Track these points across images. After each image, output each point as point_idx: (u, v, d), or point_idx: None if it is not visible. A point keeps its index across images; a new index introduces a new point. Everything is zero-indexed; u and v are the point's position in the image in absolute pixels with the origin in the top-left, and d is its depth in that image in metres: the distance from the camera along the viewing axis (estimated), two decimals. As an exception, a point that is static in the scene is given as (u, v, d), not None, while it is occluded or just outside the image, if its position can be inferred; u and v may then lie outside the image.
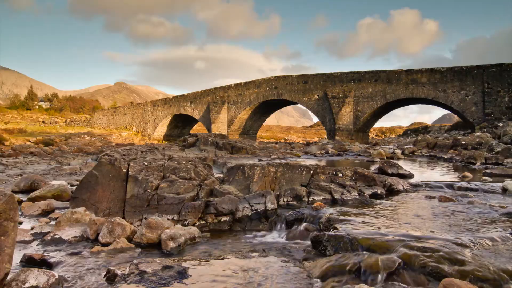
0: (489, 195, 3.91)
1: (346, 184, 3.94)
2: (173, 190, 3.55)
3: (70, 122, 37.20)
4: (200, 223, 3.28)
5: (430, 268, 1.88)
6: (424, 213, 3.11)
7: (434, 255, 1.98)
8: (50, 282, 2.01)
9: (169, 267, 2.04)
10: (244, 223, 3.32)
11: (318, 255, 2.36)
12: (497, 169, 5.60)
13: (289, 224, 3.19)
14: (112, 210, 3.78)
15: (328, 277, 1.98)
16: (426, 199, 3.75)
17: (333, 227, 2.68)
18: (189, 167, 3.96)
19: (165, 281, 1.91)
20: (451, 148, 11.04)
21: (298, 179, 4.06)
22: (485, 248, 2.16)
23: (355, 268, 1.98)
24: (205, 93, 29.74)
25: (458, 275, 1.80)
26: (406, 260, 1.98)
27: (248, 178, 4.05)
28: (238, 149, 11.71)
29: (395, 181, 4.34)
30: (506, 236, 2.37)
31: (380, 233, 2.41)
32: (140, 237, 2.86)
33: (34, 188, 5.71)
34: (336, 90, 24.06)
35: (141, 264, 2.10)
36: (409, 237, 2.30)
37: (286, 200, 3.60)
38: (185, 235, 2.76)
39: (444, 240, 2.23)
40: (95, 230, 3.04)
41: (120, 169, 3.87)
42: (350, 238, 2.29)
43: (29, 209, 4.29)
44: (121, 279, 2.00)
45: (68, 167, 9.24)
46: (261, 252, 2.39)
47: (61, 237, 3.02)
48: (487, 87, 19.96)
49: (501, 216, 2.94)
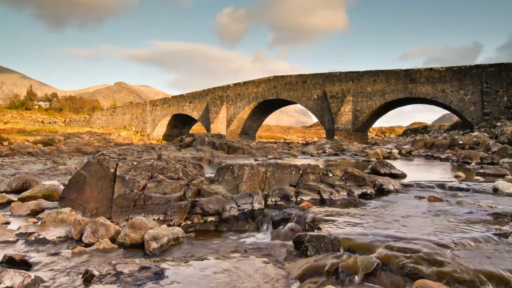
0: (480, 195, 3.88)
1: (336, 184, 3.92)
2: (160, 190, 3.53)
3: (69, 122, 37.23)
4: (186, 223, 3.26)
5: (408, 269, 1.85)
6: (411, 213, 3.09)
7: (414, 256, 1.96)
8: (26, 283, 1.99)
9: (146, 268, 2.02)
10: (231, 224, 3.30)
11: (300, 256, 2.33)
12: (491, 169, 5.58)
13: (276, 224, 3.17)
14: (100, 210, 3.76)
15: (306, 278, 1.96)
16: (416, 199, 3.72)
17: (317, 227, 2.66)
18: (177, 167, 3.94)
19: (140, 282, 1.89)
20: (449, 147, 11.00)
21: (287, 179, 4.03)
22: (466, 249, 2.14)
23: (333, 269, 1.95)
24: (204, 92, 29.73)
25: (435, 276, 1.77)
26: (385, 261, 1.95)
27: (237, 178, 4.02)
28: (234, 149, 11.70)
29: (386, 181, 4.31)
30: (489, 236, 2.34)
31: (362, 234, 2.39)
32: (124, 237, 2.84)
33: (26, 188, 5.69)
34: (335, 90, 24.03)
35: (119, 265, 2.08)
36: (391, 238, 2.28)
37: (274, 200, 3.58)
38: (168, 235, 2.74)
39: (426, 241, 2.21)
40: (80, 230, 3.02)
41: (108, 169, 3.85)
42: (332, 239, 2.26)
43: (18, 209, 4.26)
44: (97, 280, 1.98)
45: (63, 167, 9.23)
46: (242, 253, 2.37)
47: (45, 237, 3.00)
48: (486, 86, 19.91)
49: (488, 216, 2.91)
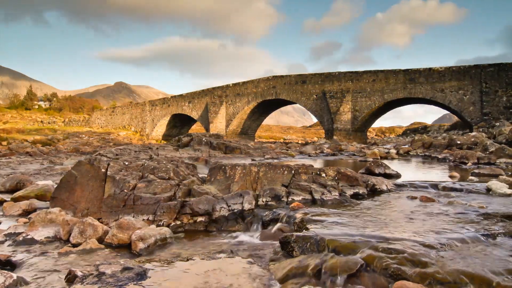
0: (472, 195, 3.87)
1: (328, 184, 3.90)
2: (150, 190, 3.52)
3: (68, 122, 37.24)
4: (175, 224, 3.25)
5: (392, 270, 1.83)
6: (401, 213, 3.07)
7: (398, 256, 1.94)
8: (7, 283, 1.97)
9: (128, 269, 2.01)
10: (221, 224, 3.28)
11: (286, 256, 2.32)
12: (486, 169, 5.56)
13: (265, 225, 3.15)
14: (90, 210, 3.74)
15: (288, 279, 1.94)
16: (408, 199, 3.71)
17: (305, 228, 2.64)
18: (168, 167, 3.92)
19: (122, 282, 1.88)
20: (447, 148, 10.98)
21: (279, 179, 4.01)
22: (452, 250, 2.12)
23: (316, 270, 1.93)
24: (203, 92, 29.70)
25: (418, 277, 1.75)
26: (369, 261, 1.94)
27: (229, 178, 4.01)
28: (232, 149, 11.69)
29: (379, 181, 4.30)
30: (477, 237, 2.32)
31: (349, 234, 2.37)
32: (111, 237, 2.82)
33: (20, 188, 5.68)
34: (334, 90, 24.00)
35: (102, 265, 2.07)
36: (378, 238, 2.26)
37: (265, 200, 3.56)
38: (156, 236, 2.72)
39: (412, 241, 2.19)
40: (68, 230, 3.01)
41: (99, 168, 3.83)
42: (318, 239, 2.25)
43: (10, 209, 4.25)
44: (79, 280, 1.97)
45: (59, 166, 9.22)
46: (228, 253, 2.35)
47: (34, 237, 2.98)
48: (485, 86, 19.88)
49: (478, 216, 2.89)
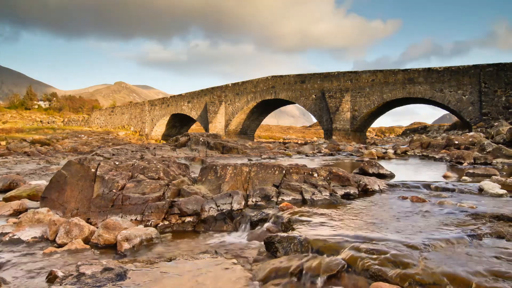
0: (464, 196, 3.84)
1: (319, 184, 3.88)
2: (139, 190, 3.50)
3: (68, 121, 37.25)
4: (163, 224, 3.23)
5: (372, 271, 1.81)
6: (390, 214, 3.05)
7: (381, 257, 1.92)
8: (-14, 284, 1.96)
9: (109, 269, 1.99)
10: (209, 224, 3.27)
11: (270, 257, 2.30)
12: (480, 169, 5.53)
13: (254, 225, 3.13)
14: (80, 210, 3.73)
15: (269, 280, 1.93)
16: (399, 199, 3.69)
17: (291, 228, 2.62)
18: (158, 166, 3.91)
19: (101, 283, 1.86)
20: (444, 148, 10.94)
21: (271, 179, 4.00)
22: (437, 251, 2.10)
23: (297, 270, 1.92)
24: (203, 92, 29.69)
25: (399, 278, 1.73)
26: (351, 262, 1.92)
27: (220, 178, 3.99)
28: (229, 148, 11.68)
29: (371, 181, 4.28)
30: (463, 237, 2.30)
31: (335, 234, 2.35)
32: (97, 238, 2.81)
33: (13, 187, 5.67)
34: (333, 90, 23.99)
35: (83, 266, 2.05)
36: (363, 239, 2.24)
37: (254, 200, 3.54)
38: (141, 236, 2.71)
39: (397, 242, 2.17)
40: (55, 230, 2.99)
41: (89, 168, 3.82)
42: (301, 240, 2.23)
43: (1, 209, 4.23)
44: (59, 281, 1.95)
45: (56, 166, 9.21)
46: (212, 254, 2.33)
47: (20, 237, 2.97)
48: (484, 86, 19.85)
49: (467, 217, 2.87)
